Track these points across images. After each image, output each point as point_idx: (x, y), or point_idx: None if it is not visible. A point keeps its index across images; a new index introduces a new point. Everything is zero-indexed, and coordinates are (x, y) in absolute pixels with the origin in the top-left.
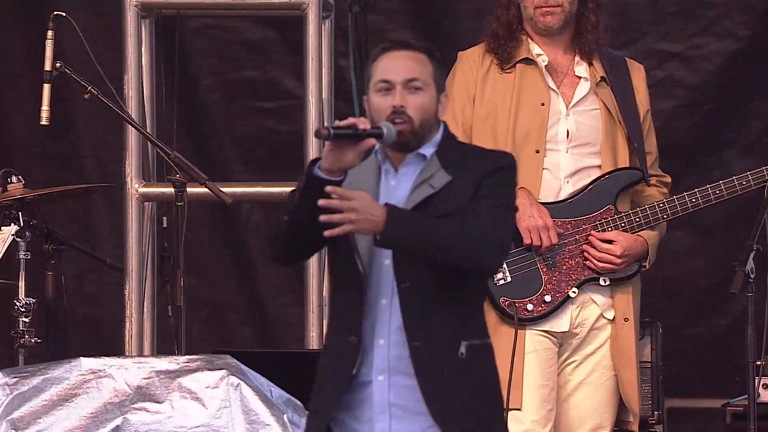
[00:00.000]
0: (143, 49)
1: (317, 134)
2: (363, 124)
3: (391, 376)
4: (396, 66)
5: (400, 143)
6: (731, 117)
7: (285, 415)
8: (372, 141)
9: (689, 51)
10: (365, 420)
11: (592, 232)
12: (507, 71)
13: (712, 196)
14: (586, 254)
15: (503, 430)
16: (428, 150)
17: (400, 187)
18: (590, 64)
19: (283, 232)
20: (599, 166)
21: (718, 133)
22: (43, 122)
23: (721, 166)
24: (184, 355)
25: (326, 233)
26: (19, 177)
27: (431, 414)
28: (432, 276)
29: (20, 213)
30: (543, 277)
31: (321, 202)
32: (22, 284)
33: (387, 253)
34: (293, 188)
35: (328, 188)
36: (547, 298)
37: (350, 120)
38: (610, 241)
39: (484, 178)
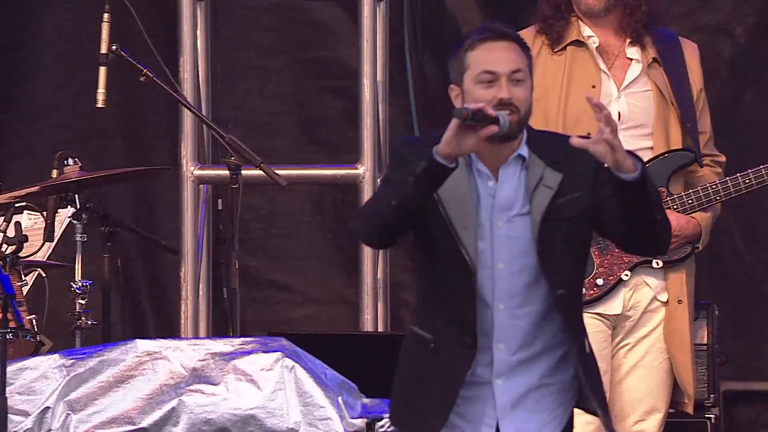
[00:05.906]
0: (198, 32)
1: (457, 113)
2: (490, 110)
3: (509, 379)
4: (499, 57)
5: (506, 135)
6: None
7: (339, 398)
8: (494, 128)
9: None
10: (473, 419)
11: None
12: (558, 53)
13: (766, 177)
14: None
15: None
16: (523, 149)
17: (503, 188)
18: (642, 46)
19: (387, 216)
20: (651, 148)
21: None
22: (99, 105)
23: None
24: (239, 337)
25: (595, 146)
26: (76, 159)
27: (598, 407)
28: (579, 280)
29: (77, 195)
30: (595, 260)
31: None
32: (78, 266)
33: (500, 256)
34: (389, 174)
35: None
36: (599, 281)
37: (480, 104)
38: None
39: (597, 172)
